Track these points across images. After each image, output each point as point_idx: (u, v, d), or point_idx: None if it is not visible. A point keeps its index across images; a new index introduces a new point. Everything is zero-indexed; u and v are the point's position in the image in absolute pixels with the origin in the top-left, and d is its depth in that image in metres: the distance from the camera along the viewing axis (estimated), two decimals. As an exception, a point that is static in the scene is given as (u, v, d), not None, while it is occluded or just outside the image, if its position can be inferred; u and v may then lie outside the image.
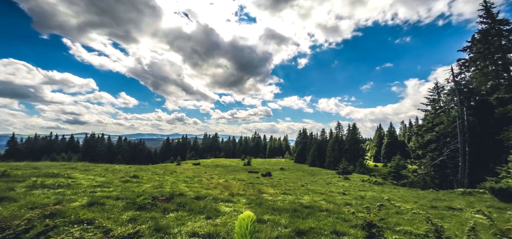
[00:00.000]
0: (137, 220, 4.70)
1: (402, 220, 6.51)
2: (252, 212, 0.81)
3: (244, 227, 0.53)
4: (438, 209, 8.81)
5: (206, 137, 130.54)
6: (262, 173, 42.73)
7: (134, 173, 11.42)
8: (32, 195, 5.57)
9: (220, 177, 16.28)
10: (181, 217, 5.22)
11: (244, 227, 0.53)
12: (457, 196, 13.14)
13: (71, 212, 4.58)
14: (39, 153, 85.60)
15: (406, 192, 15.31)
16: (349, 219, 6.18)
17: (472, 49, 24.26)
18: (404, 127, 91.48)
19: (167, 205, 5.92)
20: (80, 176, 8.95)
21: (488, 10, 22.59)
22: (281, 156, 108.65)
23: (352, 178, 38.68)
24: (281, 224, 5.26)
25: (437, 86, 30.53)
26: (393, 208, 8.36)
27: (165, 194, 7.19)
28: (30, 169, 9.30)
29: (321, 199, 9.34)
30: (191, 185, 10.11)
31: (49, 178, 7.59)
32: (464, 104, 23.78)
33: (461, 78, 25.79)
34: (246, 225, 0.53)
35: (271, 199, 8.23)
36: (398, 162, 38.47)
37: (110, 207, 5.28)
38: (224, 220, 5.23)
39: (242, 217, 0.55)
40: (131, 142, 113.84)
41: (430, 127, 28.17)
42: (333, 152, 72.23)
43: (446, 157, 24.75)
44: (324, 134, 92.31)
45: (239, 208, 6.56)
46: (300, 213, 6.39)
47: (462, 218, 7.24)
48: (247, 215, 0.55)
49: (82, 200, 5.60)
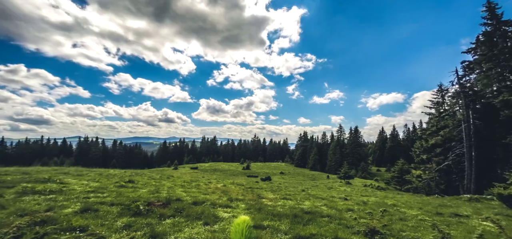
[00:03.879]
0: (132, 227, 4.65)
1: (406, 227, 6.47)
2: (251, 218, 0.80)
3: (240, 233, 0.52)
4: (444, 215, 8.77)
5: (204, 140, 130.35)
6: (261, 177, 42.64)
7: (129, 177, 11.35)
8: (22, 201, 5.51)
9: (219, 182, 16.20)
10: (178, 223, 5.18)
11: (239, 233, 0.52)
12: (464, 202, 13.11)
13: (63, 219, 4.53)
14: (30, 157, 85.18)
15: (410, 198, 15.27)
16: (352, 225, 6.15)
17: (477, 51, 24.42)
18: (408, 131, 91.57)
19: (164, 211, 5.87)
20: (73, 181, 8.89)
21: (492, 11, 22.77)
22: (281, 160, 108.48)
23: (354, 183, 38.63)
24: (281, 230, 5.22)
25: (441, 89, 30.65)
26: (397, 214, 8.33)
27: (161, 199, 7.15)
28: (20, 174, 9.23)
29: (322, 204, 9.30)
30: (188, 190, 10.06)
31: (40, 184, 7.53)
32: (470, 107, 23.84)
33: (465, 80, 25.90)
34: (242, 231, 0.52)
35: (271, 204, 8.19)
36: (402, 166, 38.53)
37: (104, 213, 5.24)
38: (222, 226, 5.20)
39: (238, 222, 0.54)
40: (126, 145, 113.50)
41: (434, 130, 28.22)
42: (334, 155, 72.21)
43: (451, 161, 24.74)
44: (325, 137, 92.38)
45: (238, 214, 6.52)
46: (300, 219, 6.35)
47: (469, 226, 7.21)
48: (242, 220, 0.54)
49: (75, 206, 5.56)
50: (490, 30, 22.83)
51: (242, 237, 0.50)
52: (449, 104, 28.88)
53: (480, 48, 23.68)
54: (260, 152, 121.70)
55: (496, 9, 22.67)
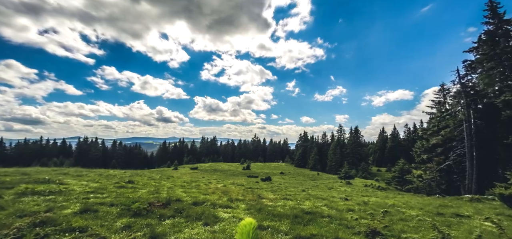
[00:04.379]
0: (132, 227, 4.66)
1: (407, 227, 6.47)
2: (253, 219, 0.81)
3: (246, 234, 0.52)
4: (444, 216, 8.78)
5: (204, 140, 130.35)
6: (261, 177, 42.65)
7: (129, 178, 11.36)
8: (21, 202, 5.52)
9: (219, 182, 16.22)
10: (178, 223, 5.19)
11: (245, 234, 0.52)
12: (465, 203, 13.11)
13: (62, 220, 4.54)
14: (29, 158, 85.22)
15: (411, 198, 15.27)
16: (352, 225, 6.16)
17: (478, 51, 24.40)
18: (408, 130, 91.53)
19: (164, 211, 5.88)
20: (72, 181, 8.90)
21: (494, 10, 22.76)
22: (281, 160, 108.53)
23: (355, 183, 38.62)
24: (282, 231, 5.23)
25: (443, 89, 30.66)
26: (397, 214, 8.34)
27: (161, 199, 7.16)
28: (20, 175, 9.23)
29: (323, 204, 9.30)
30: (188, 190, 10.07)
31: (39, 184, 7.54)
32: (471, 107, 23.83)
33: (467, 80, 25.88)
34: (248, 232, 0.52)
35: (271, 205, 8.19)
36: (402, 166, 38.55)
37: (104, 214, 5.24)
38: (222, 227, 5.20)
39: (244, 224, 0.55)
40: (126, 146, 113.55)
41: (435, 130, 28.22)
42: (334, 155, 72.24)
43: (452, 161, 24.74)
44: (326, 137, 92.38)
45: (238, 214, 6.53)
46: (301, 219, 6.36)
47: (470, 226, 7.21)
48: (248, 222, 0.55)
49: (75, 207, 5.56)
50: (492, 29, 22.81)
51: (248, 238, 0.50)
52: (450, 104, 28.87)
53: (482, 47, 23.66)
54: (260, 152, 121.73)
55: (497, 8, 22.68)
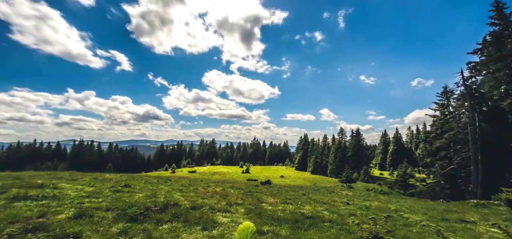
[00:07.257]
0: (128, 233, 4.64)
1: (410, 233, 6.45)
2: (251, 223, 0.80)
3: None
4: (449, 221, 8.75)
5: (202, 143, 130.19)
6: (261, 181, 42.47)
7: (125, 182, 11.33)
8: (13, 207, 5.49)
9: (217, 186, 16.16)
10: (175, 228, 5.16)
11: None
12: (470, 208, 13.08)
13: (56, 225, 4.51)
14: (22, 162, 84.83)
15: (414, 203, 15.24)
16: (354, 230, 6.13)
17: (483, 52, 24.49)
18: (411, 133, 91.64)
19: (161, 216, 5.85)
20: (67, 186, 8.86)
21: (500, 11, 22.88)
22: (281, 163, 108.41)
23: (356, 187, 38.57)
24: (282, 236, 5.20)
25: (446, 91, 30.71)
26: (400, 219, 8.31)
27: (158, 204, 7.13)
28: (12, 179, 9.20)
29: (324, 208, 9.28)
30: (186, 194, 10.03)
31: (32, 189, 7.51)
32: (476, 110, 23.86)
33: (471, 82, 25.93)
34: (247, 237, 0.52)
35: (271, 209, 8.17)
36: (405, 170, 38.52)
37: (99, 219, 5.22)
38: (221, 231, 5.18)
39: (242, 228, 0.54)
40: (122, 149, 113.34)
41: (439, 133, 28.21)
42: (335, 159, 72.14)
43: (456, 165, 24.71)
44: (326, 140, 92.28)
45: (237, 218, 6.50)
46: (301, 224, 6.34)
47: (476, 232, 7.19)
48: (247, 226, 0.54)
49: (69, 212, 5.53)
50: (498, 31, 22.90)
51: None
52: (454, 106, 28.89)
53: (487, 49, 23.73)
54: (260, 155, 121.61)
55: (504, 9, 22.77)
